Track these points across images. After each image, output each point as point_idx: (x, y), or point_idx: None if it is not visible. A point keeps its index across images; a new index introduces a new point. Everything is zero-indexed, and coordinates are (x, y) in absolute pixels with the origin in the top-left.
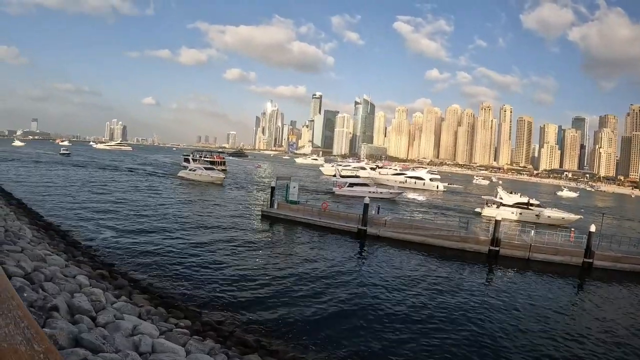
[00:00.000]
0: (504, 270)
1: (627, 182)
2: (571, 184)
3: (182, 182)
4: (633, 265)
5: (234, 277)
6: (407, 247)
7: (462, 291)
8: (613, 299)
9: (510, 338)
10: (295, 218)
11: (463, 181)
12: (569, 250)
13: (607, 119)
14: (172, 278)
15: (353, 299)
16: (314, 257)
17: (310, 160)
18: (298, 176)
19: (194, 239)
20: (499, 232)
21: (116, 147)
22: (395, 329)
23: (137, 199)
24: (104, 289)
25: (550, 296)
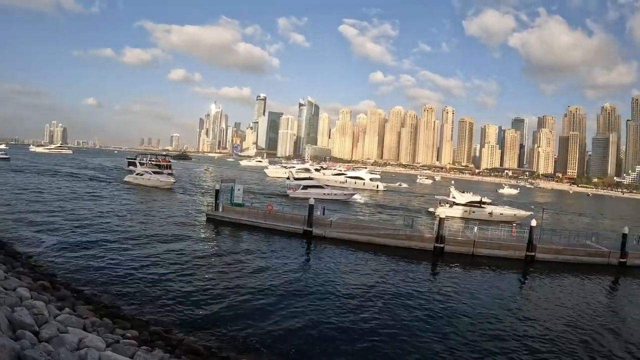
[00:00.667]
0: (450, 266)
1: (565, 178)
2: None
3: (128, 187)
4: (573, 257)
5: (181, 284)
6: (353, 246)
7: (409, 288)
8: (556, 289)
9: (459, 331)
10: (240, 221)
11: (407, 181)
12: (511, 244)
13: (546, 120)
14: (117, 287)
15: (301, 300)
16: (260, 260)
17: (254, 162)
18: (243, 178)
19: (139, 246)
20: (443, 229)
21: (56, 151)
22: (344, 328)
23: (79, 206)
24: (46, 301)
25: (496, 289)
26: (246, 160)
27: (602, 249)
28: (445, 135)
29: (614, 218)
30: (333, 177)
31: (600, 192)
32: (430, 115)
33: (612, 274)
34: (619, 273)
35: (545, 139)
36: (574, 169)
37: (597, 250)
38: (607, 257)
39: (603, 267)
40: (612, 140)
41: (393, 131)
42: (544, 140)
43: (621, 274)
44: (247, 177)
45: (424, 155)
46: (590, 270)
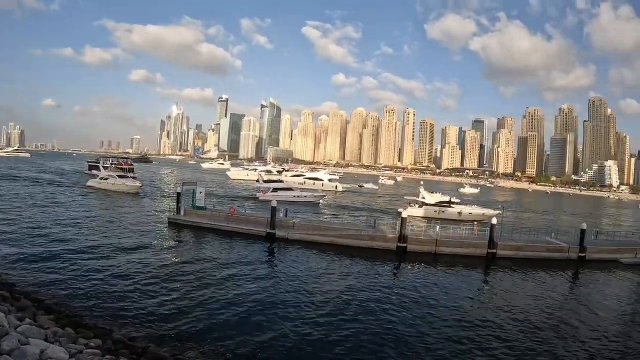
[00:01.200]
0: (413, 265)
1: (524, 177)
2: (472, 181)
3: (91, 192)
4: (533, 253)
5: (143, 292)
6: (317, 248)
7: (373, 289)
8: (517, 285)
9: (424, 330)
10: (202, 224)
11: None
12: (473, 242)
13: (505, 121)
14: (78, 296)
15: (266, 304)
16: (224, 263)
17: (216, 164)
18: (205, 181)
19: (100, 253)
20: (405, 229)
21: (13, 154)
22: (310, 331)
23: (38, 212)
24: (6, 311)
25: (459, 287)
26: (208, 163)
27: (562, 244)
28: (406, 136)
29: (572, 214)
30: (291, 178)
31: (558, 190)
32: (391, 116)
33: (571, 268)
34: (578, 267)
35: (504, 139)
36: (533, 168)
37: (557, 245)
38: (566, 252)
39: (563, 262)
40: (569, 140)
41: (355, 132)
42: (504, 140)
43: (580, 267)
44: (209, 179)
45: (386, 156)
46: (551, 265)
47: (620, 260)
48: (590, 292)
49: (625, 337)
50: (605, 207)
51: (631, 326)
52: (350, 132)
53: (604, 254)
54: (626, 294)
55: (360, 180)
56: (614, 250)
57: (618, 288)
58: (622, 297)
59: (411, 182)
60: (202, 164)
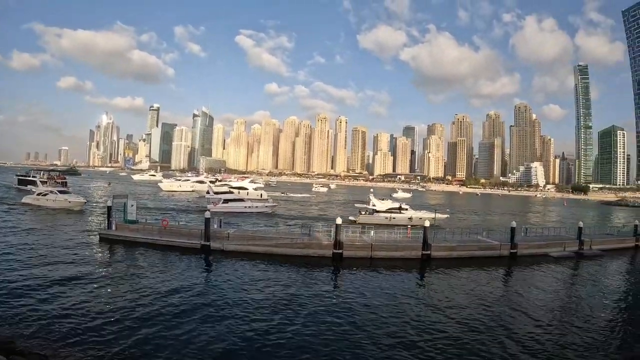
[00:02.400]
0: (349, 271)
1: (455, 181)
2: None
3: (26, 210)
4: (467, 252)
5: (77, 311)
6: (253, 258)
7: (310, 295)
8: (452, 283)
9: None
10: (135, 239)
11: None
12: (408, 245)
13: (435, 127)
14: (7, 321)
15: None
16: (158, 278)
17: (147, 176)
18: (136, 193)
19: (29, 272)
20: (340, 235)
21: None
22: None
23: None
24: None
25: (396, 288)
26: (139, 174)
27: (493, 242)
28: (339, 144)
29: (502, 214)
30: (217, 188)
31: (488, 192)
32: (324, 124)
33: (504, 264)
34: (510, 263)
35: (434, 144)
36: (463, 172)
37: (489, 244)
38: (498, 249)
39: (496, 259)
40: (497, 144)
41: (288, 141)
42: (434, 146)
43: (513, 264)
44: (141, 191)
45: (319, 163)
46: (484, 263)
47: (550, 254)
48: (522, 285)
49: (558, 325)
50: (533, 206)
51: (562, 314)
52: (283, 140)
53: (534, 249)
54: (556, 285)
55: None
56: (544, 245)
57: (548, 280)
58: (553, 288)
59: (345, 189)
60: (133, 176)
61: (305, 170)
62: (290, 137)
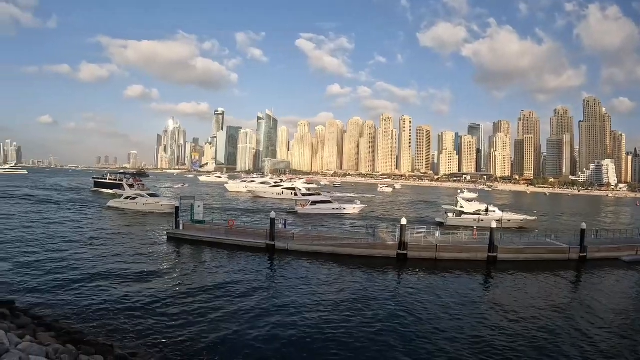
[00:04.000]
0: (414, 272)
1: (522, 180)
2: (470, 185)
3: (111, 213)
4: (534, 255)
5: (144, 306)
6: (317, 258)
7: (374, 296)
8: (519, 287)
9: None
10: (202, 238)
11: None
12: (473, 247)
13: (501, 125)
14: (78, 313)
15: (267, 315)
16: (224, 276)
17: (214, 177)
18: (203, 195)
19: (99, 270)
20: (405, 235)
21: (10, 171)
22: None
23: (37, 230)
24: (6, 329)
25: (460, 291)
26: (205, 176)
27: (562, 245)
28: (403, 143)
29: (571, 215)
30: (270, 189)
31: (556, 191)
32: (388, 124)
33: (573, 269)
34: (579, 267)
35: (501, 142)
36: (531, 171)
37: (557, 247)
38: (567, 253)
39: (564, 263)
40: (565, 141)
41: (352, 141)
42: (500, 144)
43: (582, 268)
44: (208, 192)
45: (383, 164)
46: (552, 266)
47: (622, 259)
48: (592, 290)
49: (631, 333)
50: (604, 206)
51: (635, 322)
52: (347, 141)
53: (604, 252)
54: (628, 291)
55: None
56: (615, 249)
57: (619, 286)
58: (624, 294)
59: (410, 190)
60: (200, 178)
61: (369, 171)
62: (354, 137)
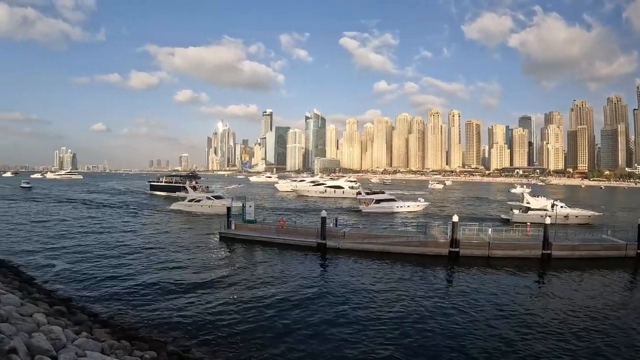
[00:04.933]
0: (466, 269)
1: (576, 173)
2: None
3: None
4: (589, 252)
5: (196, 303)
6: (368, 256)
7: (427, 294)
8: (575, 286)
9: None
10: (253, 237)
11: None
12: (527, 244)
13: (552, 116)
14: (132, 309)
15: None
16: (276, 275)
17: (264, 177)
18: (254, 194)
19: (152, 268)
20: (457, 233)
21: (67, 177)
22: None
23: (93, 231)
24: (63, 325)
25: (514, 290)
26: (256, 176)
27: (618, 242)
28: (453, 138)
29: (629, 210)
30: (314, 187)
31: (612, 185)
32: (436, 119)
33: (630, 266)
34: (637, 265)
35: (553, 134)
36: (585, 163)
37: (613, 243)
38: (623, 249)
39: (620, 260)
40: (620, 131)
41: (401, 138)
42: (552, 136)
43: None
44: (259, 192)
45: (433, 160)
46: (609, 264)
47: None
48: None
49: None
50: None
51: None
52: (396, 137)
53: None
54: None
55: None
56: None
57: None
58: None
59: (460, 185)
60: (251, 178)
61: (419, 167)
62: (403, 134)
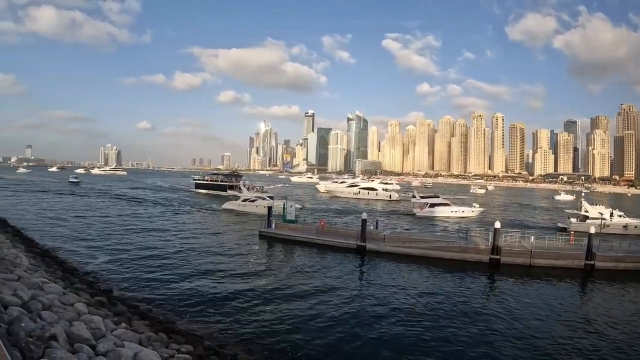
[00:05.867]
0: (506, 278)
1: (622, 181)
2: (567, 187)
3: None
4: (635, 264)
5: (234, 299)
6: (408, 261)
7: (466, 302)
8: (617, 300)
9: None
10: (293, 237)
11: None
12: (570, 253)
13: (599, 120)
14: (171, 303)
15: (356, 316)
16: (314, 275)
17: (305, 178)
18: (295, 195)
19: (192, 264)
20: (499, 240)
21: (111, 173)
22: (399, 345)
23: (137, 226)
24: (103, 316)
25: (555, 302)
26: (297, 177)
27: None
28: (496, 142)
29: None
30: (347, 189)
31: None
32: (480, 122)
33: None
34: None
35: (599, 140)
36: (631, 170)
37: None
38: None
39: None
40: None
41: (443, 141)
42: (598, 141)
43: None
44: (300, 193)
45: (476, 164)
46: None
47: None
48: None
49: None
50: None
51: None
52: (439, 140)
53: None
54: None
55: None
56: None
57: None
58: None
59: (503, 191)
60: (292, 178)
61: (461, 171)
62: (446, 137)
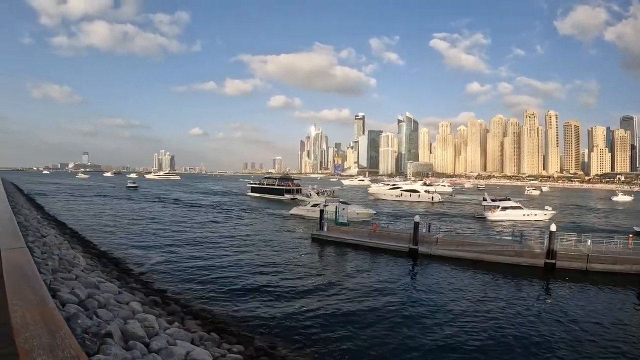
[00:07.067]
0: (561, 283)
1: None
2: (624, 187)
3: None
4: None
5: (287, 300)
6: (460, 264)
7: (519, 308)
8: None
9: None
10: (345, 240)
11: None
12: (628, 258)
13: None
14: (224, 304)
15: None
16: (365, 278)
17: (357, 181)
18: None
19: (246, 264)
20: (554, 243)
21: (165, 177)
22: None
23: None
24: (157, 315)
25: (608, 312)
26: (348, 180)
27: None
28: (550, 141)
29: None
30: (390, 191)
31: None
32: (532, 121)
33: None
34: None
35: None
36: None
37: None
38: None
39: None
40: None
41: (496, 141)
42: None
43: None
44: (352, 196)
45: (530, 164)
46: None
47: None
48: None
49: None
50: None
51: None
52: (491, 140)
53: None
54: None
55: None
56: None
57: None
58: None
59: (558, 192)
60: (343, 181)
61: (515, 172)
62: (498, 136)
